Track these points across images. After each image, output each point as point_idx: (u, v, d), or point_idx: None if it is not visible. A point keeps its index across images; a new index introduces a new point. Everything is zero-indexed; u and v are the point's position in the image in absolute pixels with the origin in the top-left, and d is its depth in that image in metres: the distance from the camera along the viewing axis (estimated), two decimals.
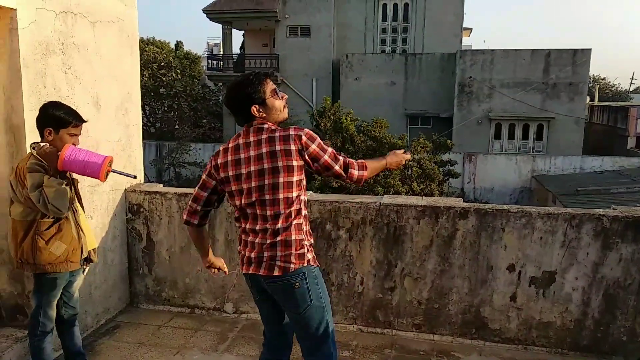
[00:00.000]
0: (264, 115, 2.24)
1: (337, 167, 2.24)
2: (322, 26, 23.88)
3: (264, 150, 2.17)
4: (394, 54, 23.59)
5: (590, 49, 20.05)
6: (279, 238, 2.18)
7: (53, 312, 2.79)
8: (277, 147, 2.15)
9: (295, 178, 2.18)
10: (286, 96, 2.35)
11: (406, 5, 24.15)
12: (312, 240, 2.31)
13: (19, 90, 3.00)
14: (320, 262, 3.79)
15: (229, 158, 2.25)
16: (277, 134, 2.19)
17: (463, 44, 25.02)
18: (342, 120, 13.04)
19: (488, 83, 20.75)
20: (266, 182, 2.16)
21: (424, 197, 3.87)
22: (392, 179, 11.50)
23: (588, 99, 25.53)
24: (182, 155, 20.27)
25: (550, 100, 20.42)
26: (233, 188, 2.25)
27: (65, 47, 3.31)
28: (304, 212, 2.26)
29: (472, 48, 25.91)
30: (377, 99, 21.92)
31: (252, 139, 2.21)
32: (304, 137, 2.18)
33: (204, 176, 2.35)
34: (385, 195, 3.98)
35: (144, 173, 4.79)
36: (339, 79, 23.28)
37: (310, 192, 4.03)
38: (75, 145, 2.63)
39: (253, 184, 2.18)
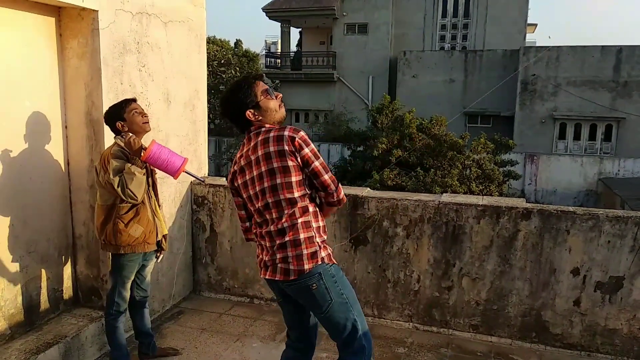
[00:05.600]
0: (260, 117, 2.22)
1: (326, 177, 2.19)
2: (380, 23, 23.75)
3: (259, 153, 2.16)
4: (453, 51, 23.10)
5: None
6: (287, 238, 2.16)
7: (127, 293, 3.01)
8: (271, 149, 2.13)
9: (294, 179, 2.14)
10: (281, 95, 2.31)
11: (467, 1, 23.59)
12: (324, 237, 2.26)
13: (99, 87, 3.21)
14: (377, 258, 3.82)
15: (236, 168, 2.28)
16: (271, 134, 2.16)
17: (527, 40, 24.13)
18: (404, 118, 12.91)
19: (553, 81, 19.91)
20: (265, 185, 2.16)
21: (484, 197, 3.82)
22: (450, 178, 11.31)
23: None
24: None
25: (620, 100, 19.33)
26: (244, 195, 2.28)
27: (140, 46, 3.51)
28: (312, 209, 2.22)
29: (537, 44, 24.94)
30: (435, 96, 21.55)
31: (252, 143, 2.21)
32: (297, 139, 2.13)
33: (233, 196, 2.38)
34: (444, 194, 3.96)
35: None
36: (396, 76, 23.08)
37: (368, 189, 4.07)
38: (145, 117, 2.90)
39: (257, 189, 2.19)
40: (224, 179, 4.44)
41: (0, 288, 3.03)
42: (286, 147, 2.12)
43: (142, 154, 2.75)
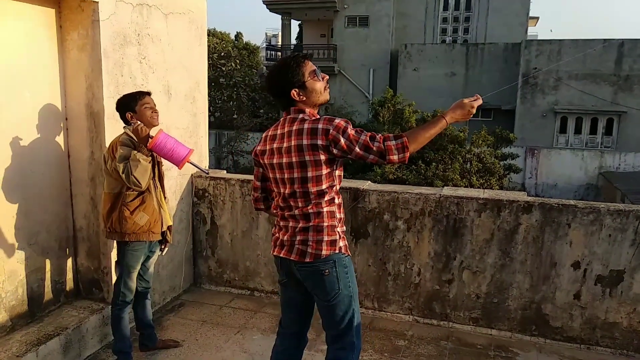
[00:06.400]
0: (304, 98, 2.20)
1: (371, 157, 2.10)
2: (381, 16, 23.65)
3: (292, 143, 2.14)
4: (454, 44, 23.01)
5: None
6: (311, 223, 2.18)
7: (133, 284, 3.02)
8: (304, 142, 2.11)
9: (324, 171, 2.15)
10: (327, 77, 2.28)
11: None
12: (344, 228, 2.29)
13: (100, 79, 3.20)
14: (377, 251, 3.82)
15: (267, 147, 2.27)
16: (305, 126, 2.13)
17: (529, 34, 24.04)
18: (403, 112, 12.90)
19: (554, 74, 19.86)
20: (295, 175, 2.16)
21: (485, 190, 3.81)
22: (451, 172, 11.31)
23: None
24: (240, 144, 20.77)
25: (622, 93, 19.28)
26: (270, 176, 2.29)
27: (141, 38, 3.49)
28: (337, 200, 2.25)
29: (539, 38, 24.84)
30: (436, 90, 21.48)
31: (286, 129, 2.19)
32: (332, 131, 2.08)
33: (255, 165, 2.41)
34: (445, 187, 3.95)
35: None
36: (397, 69, 23.00)
37: (369, 182, 4.07)
38: (155, 112, 2.91)
39: (286, 176, 2.19)
40: (225, 171, 4.44)
41: (2, 280, 3.03)
42: (319, 142, 2.09)
43: (148, 142, 2.76)
